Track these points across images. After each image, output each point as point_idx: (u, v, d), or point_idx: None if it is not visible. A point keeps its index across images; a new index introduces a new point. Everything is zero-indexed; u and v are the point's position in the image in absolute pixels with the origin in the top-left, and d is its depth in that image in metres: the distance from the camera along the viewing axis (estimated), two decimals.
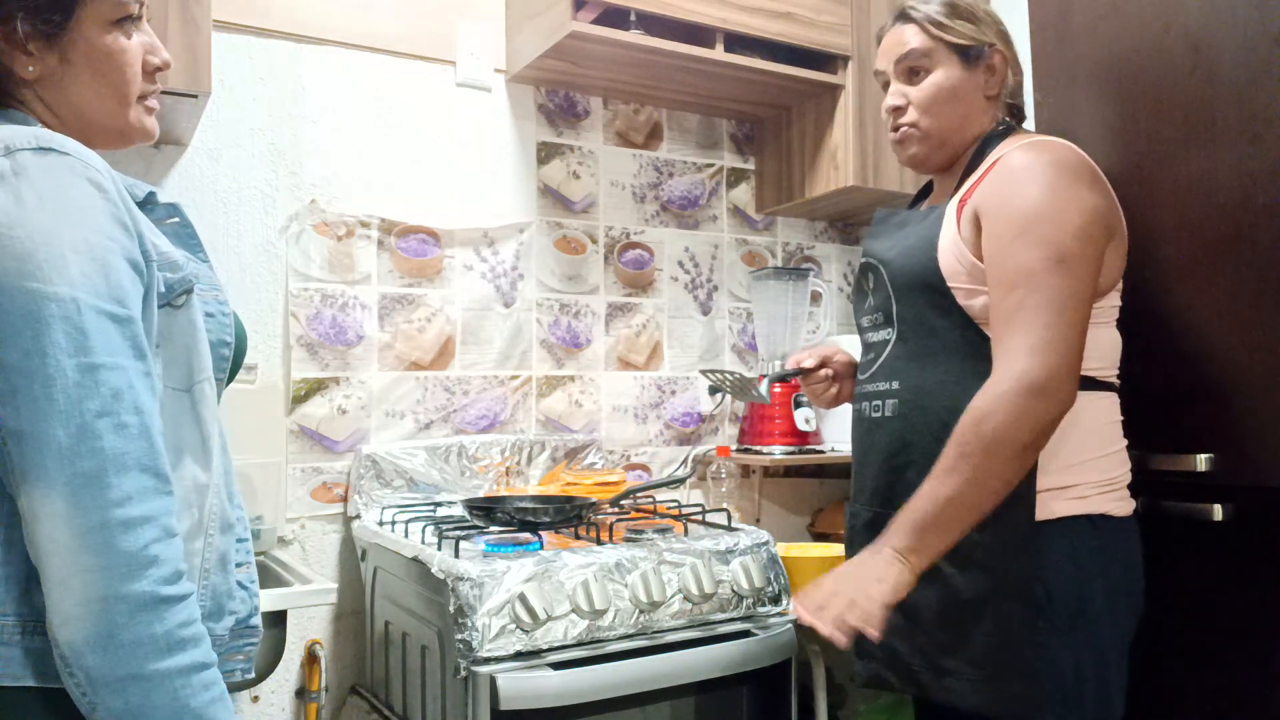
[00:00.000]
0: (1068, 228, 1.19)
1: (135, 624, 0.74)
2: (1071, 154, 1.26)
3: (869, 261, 1.42)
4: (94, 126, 0.91)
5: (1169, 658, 1.39)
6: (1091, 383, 1.25)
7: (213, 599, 0.91)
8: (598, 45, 1.92)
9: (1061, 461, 1.23)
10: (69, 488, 0.74)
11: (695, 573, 1.54)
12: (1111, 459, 1.27)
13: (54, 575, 0.74)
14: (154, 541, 0.76)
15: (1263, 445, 1.27)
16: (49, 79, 0.88)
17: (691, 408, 2.34)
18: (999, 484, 1.17)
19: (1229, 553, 1.33)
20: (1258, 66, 1.27)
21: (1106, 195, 1.26)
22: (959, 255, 1.26)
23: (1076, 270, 1.18)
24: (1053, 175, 1.22)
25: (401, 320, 2.00)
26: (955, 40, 1.33)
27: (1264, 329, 1.27)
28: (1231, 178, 1.30)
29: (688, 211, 2.37)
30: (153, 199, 0.96)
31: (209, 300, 0.95)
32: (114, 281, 0.79)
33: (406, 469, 1.93)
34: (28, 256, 0.75)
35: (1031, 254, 1.18)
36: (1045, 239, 1.18)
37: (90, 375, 0.76)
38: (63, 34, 0.87)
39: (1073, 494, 1.23)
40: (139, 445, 0.77)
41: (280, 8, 1.91)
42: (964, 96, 1.35)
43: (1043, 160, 1.23)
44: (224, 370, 0.97)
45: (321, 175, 1.95)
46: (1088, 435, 1.25)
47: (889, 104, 1.38)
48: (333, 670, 1.90)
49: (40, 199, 0.77)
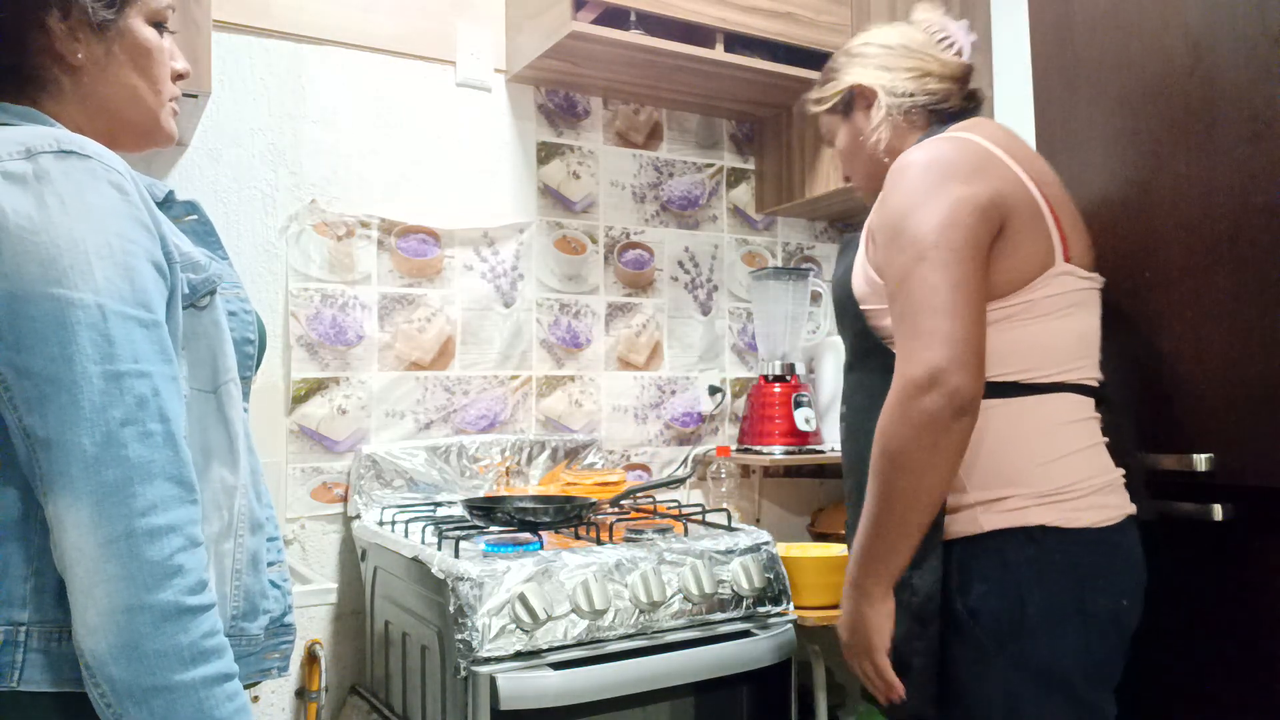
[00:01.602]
0: (926, 225, 1.14)
1: (160, 634, 0.74)
2: (949, 148, 1.20)
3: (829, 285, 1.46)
4: (123, 124, 0.91)
5: (1168, 658, 1.39)
6: (1016, 388, 1.17)
7: (246, 599, 0.91)
8: (598, 45, 1.92)
9: (988, 473, 1.16)
10: (94, 496, 0.73)
11: (695, 573, 1.54)
12: (1059, 466, 1.16)
13: (79, 584, 0.73)
14: (179, 551, 0.75)
15: (1263, 445, 1.26)
16: (92, 68, 0.88)
17: (691, 408, 2.34)
18: (920, 494, 1.11)
19: (1229, 553, 1.32)
20: (1258, 66, 1.27)
21: (991, 183, 1.17)
22: (867, 276, 1.24)
23: (940, 264, 1.12)
24: (918, 176, 1.18)
25: (401, 320, 2.00)
26: (826, 107, 1.42)
27: (1264, 329, 1.26)
28: (1231, 178, 1.30)
29: (688, 211, 2.37)
30: (171, 198, 0.96)
31: (231, 299, 0.95)
32: (138, 285, 0.78)
33: (406, 469, 1.93)
34: (52, 262, 0.75)
35: (899, 260, 1.15)
36: (907, 243, 1.15)
37: (115, 383, 0.75)
38: (114, 23, 0.88)
39: (1005, 506, 1.15)
40: (164, 454, 0.77)
41: (280, 8, 1.91)
42: (856, 146, 1.40)
43: (913, 163, 1.20)
44: (249, 369, 0.97)
45: (321, 175, 1.95)
46: (1020, 443, 1.16)
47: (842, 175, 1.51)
48: (333, 670, 1.90)
49: (63, 203, 0.77)
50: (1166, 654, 1.39)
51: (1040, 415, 1.18)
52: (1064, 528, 1.15)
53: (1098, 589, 1.15)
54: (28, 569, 0.78)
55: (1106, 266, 1.29)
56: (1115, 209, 1.47)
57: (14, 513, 0.78)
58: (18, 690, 0.76)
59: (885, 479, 1.13)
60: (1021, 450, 1.17)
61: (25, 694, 0.76)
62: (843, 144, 1.42)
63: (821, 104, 1.43)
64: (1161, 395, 1.39)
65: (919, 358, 1.10)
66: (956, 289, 1.11)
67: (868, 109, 1.37)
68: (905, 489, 1.12)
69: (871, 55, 1.37)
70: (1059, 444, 1.18)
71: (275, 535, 0.99)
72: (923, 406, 1.08)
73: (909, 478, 1.11)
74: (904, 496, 1.12)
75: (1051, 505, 1.15)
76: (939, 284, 1.11)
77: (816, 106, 1.44)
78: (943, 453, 1.10)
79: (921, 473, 1.10)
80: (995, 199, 1.16)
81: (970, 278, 1.12)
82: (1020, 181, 1.19)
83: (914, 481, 1.11)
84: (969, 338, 1.10)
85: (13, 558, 0.77)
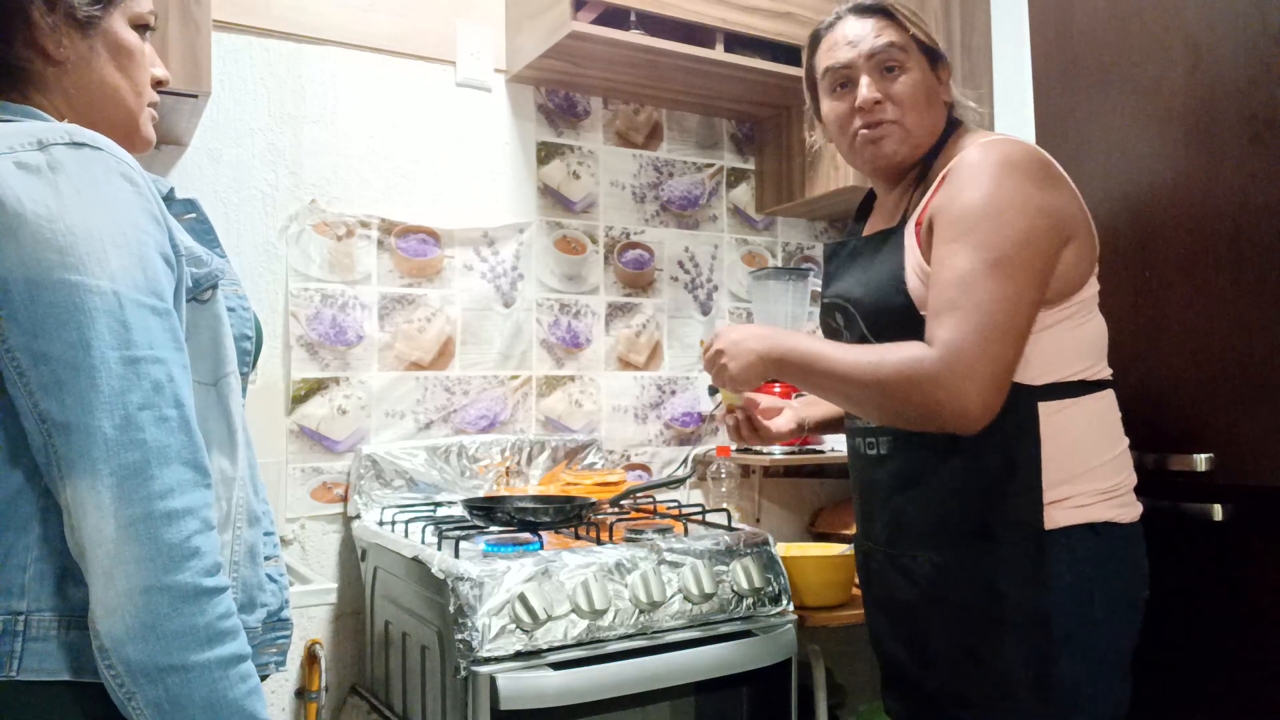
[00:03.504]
0: (1008, 230, 1.13)
1: (178, 615, 0.75)
2: (1023, 151, 1.20)
3: (836, 302, 1.37)
4: (104, 123, 0.92)
5: (1169, 657, 1.39)
6: (1081, 386, 1.21)
7: (244, 592, 0.91)
8: (598, 45, 1.92)
9: (1063, 473, 1.19)
10: (114, 479, 0.74)
11: (695, 573, 1.54)
12: (1113, 464, 1.22)
13: (97, 567, 0.74)
14: (195, 533, 0.77)
15: (1263, 445, 1.26)
16: (76, 64, 0.89)
17: (691, 408, 2.34)
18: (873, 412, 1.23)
19: (1229, 553, 1.33)
20: (1258, 66, 1.27)
21: (1062, 194, 1.20)
22: (924, 278, 1.21)
23: (1016, 276, 1.13)
24: (999, 175, 1.17)
25: (401, 320, 2.00)
26: (925, 40, 1.30)
27: (1264, 329, 1.26)
28: (1231, 178, 1.30)
29: (688, 211, 2.37)
30: (171, 196, 0.97)
31: (230, 295, 0.96)
32: (151, 275, 0.80)
33: (406, 469, 1.93)
34: (69, 249, 0.76)
35: (970, 258, 1.13)
36: (984, 243, 1.13)
37: (132, 368, 0.76)
38: (99, 20, 0.89)
39: (1073, 503, 1.19)
40: (179, 438, 0.78)
41: (280, 8, 1.91)
42: (934, 99, 1.30)
43: (990, 159, 1.18)
44: (247, 365, 0.98)
45: (321, 175, 1.95)
46: (1087, 442, 1.21)
47: (868, 97, 1.28)
48: (333, 670, 1.90)
49: (78, 192, 0.78)
50: (1166, 653, 1.39)
51: (1100, 412, 1.24)
52: (1119, 523, 1.21)
53: (1139, 580, 1.23)
54: (27, 557, 0.78)
55: (1106, 266, 1.29)
56: (1115, 209, 1.47)
57: (18, 500, 0.79)
58: (16, 679, 0.76)
59: (867, 393, 1.19)
60: (1091, 448, 1.21)
61: (24, 683, 0.77)
62: (915, 85, 1.28)
63: (920, 31, 1.30)
64: (1161, 395, 1.39)
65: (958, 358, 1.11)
66: (1021, 310, 1.14)
67: (946, 77, 1.33)
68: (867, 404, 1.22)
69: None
70: (1115, 439, 1.25)
71: (271, 530, 0.99)
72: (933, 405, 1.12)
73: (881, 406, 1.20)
74: (862, 406, 1.24)
75: (1111, 501, 1.21)
76: (1008, 299, 1.13)
77: (914, 28, 1.29)
78: (906, 423, 1.20)
79: (876, 410, 1.22)
80: (1070, 209, 1.20)
81: (1033, 298, 1.15)
82: (1074, 189, 1.23)
83: (867, 405, 1.22)
84: (1010, 362, 1.14)
85: (14, 545, 0.78)
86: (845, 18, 1.33)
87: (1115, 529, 1.20)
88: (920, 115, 1.29)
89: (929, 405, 1.12)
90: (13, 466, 0.79)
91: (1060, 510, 1.19)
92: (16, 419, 0.77)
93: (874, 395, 1.17)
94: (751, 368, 1.27)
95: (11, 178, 0.76)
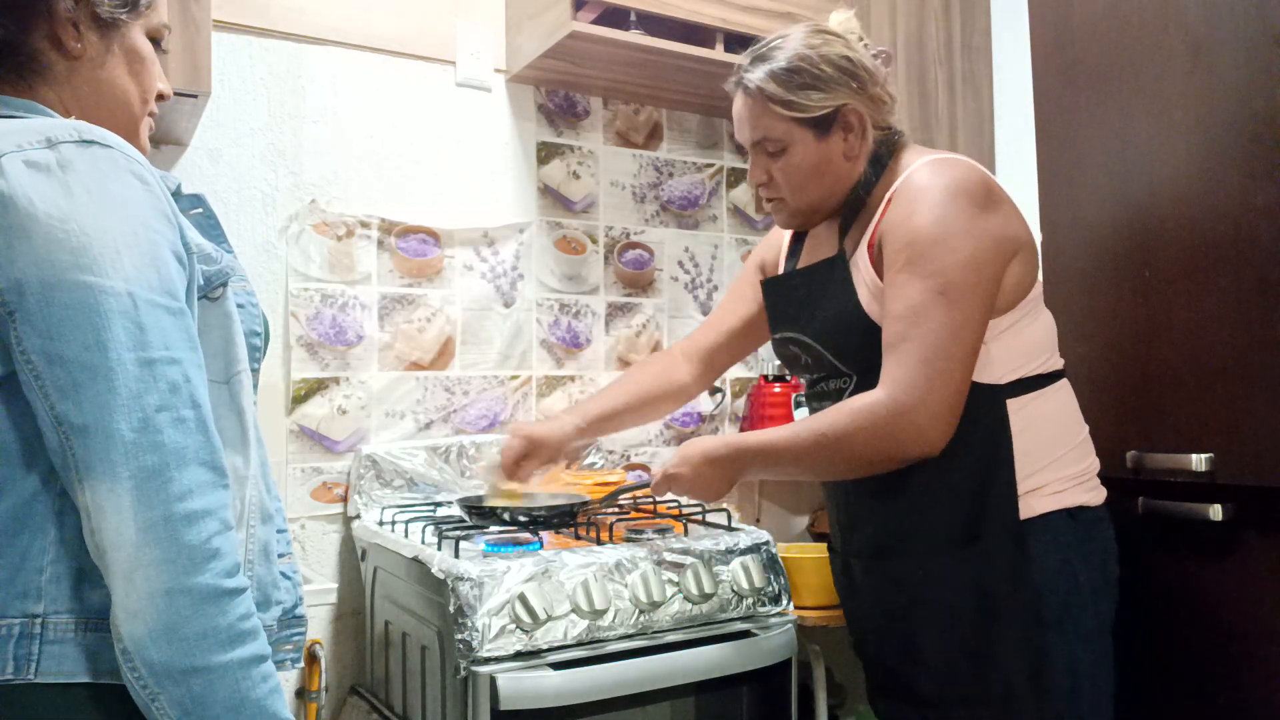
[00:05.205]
0: (955, 257, 1.17)
1: (199, 616, 0.74)
2: (967, 173, 1.23)
3: (791, 338, 1.38)
4: (104, 126, 0.91)
5: (1168, 657, 1.39)
6: (1042, 379, 1.27)
7: (259, 589, 0.91)
8: (598, 45, 1.92)
9: (1036, 463, 1.24)
10: (133, 481, 0.74)
11: (695, 573, 1.54)
12: (1080, 449, 1.29)
13: (118, 570, 0.74)
14: (215, 535, 0.76)
15: (1263, 445, 1.26)
16: (90, 62, 0.89)
17: (691, 408, 2.34)
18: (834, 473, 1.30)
19: (1229, 553, 1.32)
20: (1258, 66, 1.27)
21: (1005, 213, 1.23)
22: (877, 294, 1.25)
23: (962, 302, 1.16)
24: (944, 200, 1.19)
25: (401, 320, 2.00)
26: (806, 116, 1.26)
27: (1264, 329, 1.26)
28: (1231, 178, 1.30)
29: (688, 211, 2.37)
30: (179, 191, 0.97)
31: (239, 291, 0.96)
32: (164, 274, 0.79)
33: (406, 469, 1.92)
34: (83, 250, 0.75)
35: (918, 285, 1.17)
36: (932, 270, 1.17)
37: (149, 369, 0.76)
38: (121, 23, 0.89)
39: (1048, 490, 1.24)
40: (197, 439, 0.78)
41: (280, 8, 1.91)
42: (826, 167, 1.29)
43: (938, 184, 1.21)
44: (257, 360, 0.98)
45: (321, 175, 1.95)
46: (1054, 430, 1.27)
47: (754, 178, 1.34)
48: (333, 670, 1.90)
49: (89, 192, 0.77)
50: (1165, 653, 1.39)
51: (1061, 401, 1.30)
52: (1091, 505, 1.27)
53: (1113, 560, 1.29)
54: (44, 560, 0.78)
55: (1106, 266, 1.29)
56: (1115, 209, 1.47)
57: (34, 502, 0.78)
58: (35, 682, 0.76)
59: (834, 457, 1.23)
60: (1058, 435, 1.27)
61: (42, 685, 0.76)
62: (805, 160, 1.28)
63: (797, 110, 1.26)
64: (1161, 395, 1.39)
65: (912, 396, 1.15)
66: (970, 333, 1.18)
67: (848, 132, 1.28)
68: (823, 468, 1.29)
69: (859, 72, 1.28)
70: (1078, 426, 1.31)
71: (284, 528, 0.99)
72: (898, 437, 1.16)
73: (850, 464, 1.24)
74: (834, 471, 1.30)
75: (1082, 485, 1.27)
76: (957, 325, 1.16)
77: (788, 111, 1.26)
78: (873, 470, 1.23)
79: (847, 469, 1.26)
80: (1012, 227, 1.24)
81: (981, 318, 1.19)
82: (1014, 204, 1.27)
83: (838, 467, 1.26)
84: (962, 387, 1.18)
85: (30, 548, 0.78)
86: (735, 92, 1.33)
87: (1088, 511, 1.26)
88: (806, 192, 1.31)
89: (891, 447, 1.17)
90: (28, 469, 0.78)
91: (1037, 499, 1.23)
92: (32, 420, 0.77)
93: (841, 458, 1.22)
94: (719, 483, 1.35)
95: (22, 177, 0.76)
